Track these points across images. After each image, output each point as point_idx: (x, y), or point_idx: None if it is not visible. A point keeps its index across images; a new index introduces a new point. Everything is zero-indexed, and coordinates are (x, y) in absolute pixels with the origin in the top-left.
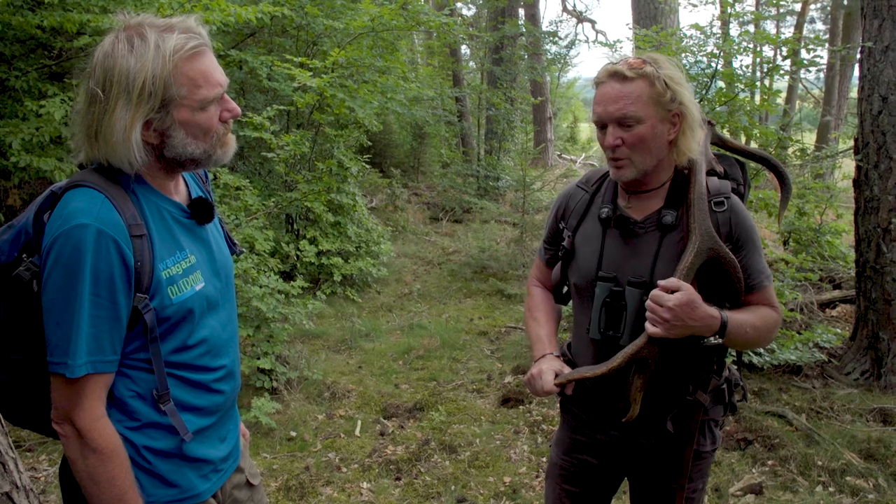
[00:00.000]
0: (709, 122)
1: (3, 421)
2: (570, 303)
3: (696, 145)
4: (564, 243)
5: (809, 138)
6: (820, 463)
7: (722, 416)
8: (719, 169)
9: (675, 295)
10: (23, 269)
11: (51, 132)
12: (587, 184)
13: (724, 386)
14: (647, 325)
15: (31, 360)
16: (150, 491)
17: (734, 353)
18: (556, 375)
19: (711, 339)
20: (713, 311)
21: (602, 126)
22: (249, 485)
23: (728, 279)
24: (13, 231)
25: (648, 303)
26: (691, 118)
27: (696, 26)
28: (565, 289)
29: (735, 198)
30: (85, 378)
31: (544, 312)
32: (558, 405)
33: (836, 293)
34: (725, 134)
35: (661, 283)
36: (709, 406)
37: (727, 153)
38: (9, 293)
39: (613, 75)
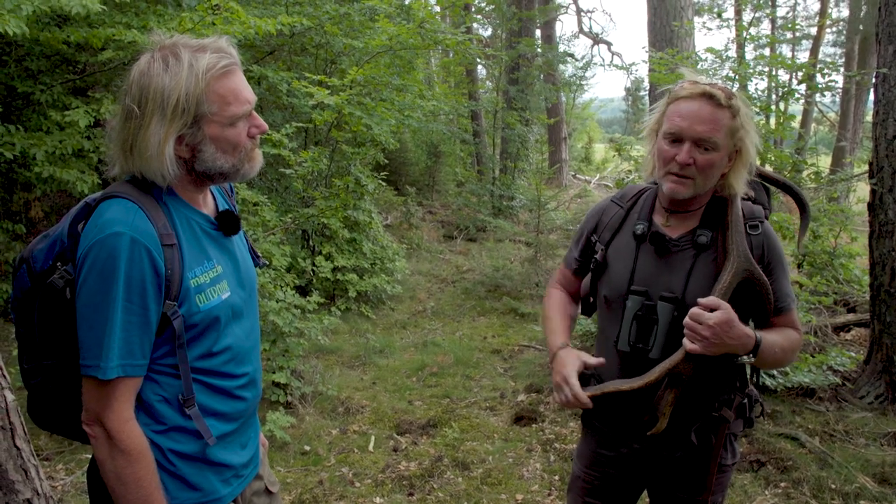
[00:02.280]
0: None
1: (25, 429)
2: (595, 316)
3: (744, 182)
4: (597, 256)
5: (825, 162)
6: (833, 486)
7: (741, 431)
8: (751, 194)
9: (715, 313)
10: (57, 277)
11: (73, 144)
12: (622, 199)
13: (746, 402)
14: (686, 341)
15: (63, 364)
16: (175, 493)
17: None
18: (587, 379)
19: (744, 357)
20: (748, 330)
21: (675, 140)
22: (268, 492)
23: (759, 300)
24: (49, 240)
25: (687, 320)
26: (747, 157)
27: (711, 50)
28: (591, 299)
29: (767, 223)
30: (116, 381)
31: (559, 311)
32: (579, 419)
33: (851, 316)
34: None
35: (701, 301)
36: (731, 420)
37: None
38: (43, 300)
39: (707, 97)
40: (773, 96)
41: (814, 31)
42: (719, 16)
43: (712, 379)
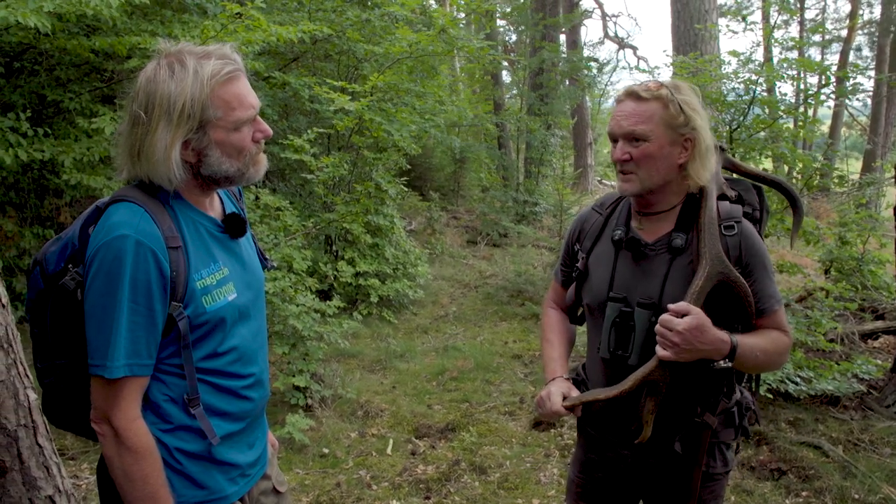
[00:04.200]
0: (720, 147)
1: (47, 427)
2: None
3: (707, 173)
4: (578, 264)
5: (855, 167)
6: (856, 496)
7: (734, 440)
8: (730, 193)
9: (684, 319)
10: (68, 279)
11: (101, 152)
12: (602, 207)
13: (735, 409)
14: (658, 348)
15: (75, 364)
16: (181, 491)
17: (753, 379)
18: (565, 397)
19: (721, 362)
20: (723, 334)
21: (614, 141)
22: (276, 492)
23: (739, 303)
24: (61, 243)
25: (658, 327)
26: (703, 145)
27: (733, 53)
28: (580, 311)
29: (746, 222)
30: (122, 380)
31: (558, 334)
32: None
33: (879, 324)
34: (740, 159)
35: (671, 307)
36: (718, 428)
37: (742, 178)
38: (55, 301)
39: (630, 94)
40: (801, 99)
41: (843, 33)
42: (744, 19)
43: (693, 385)
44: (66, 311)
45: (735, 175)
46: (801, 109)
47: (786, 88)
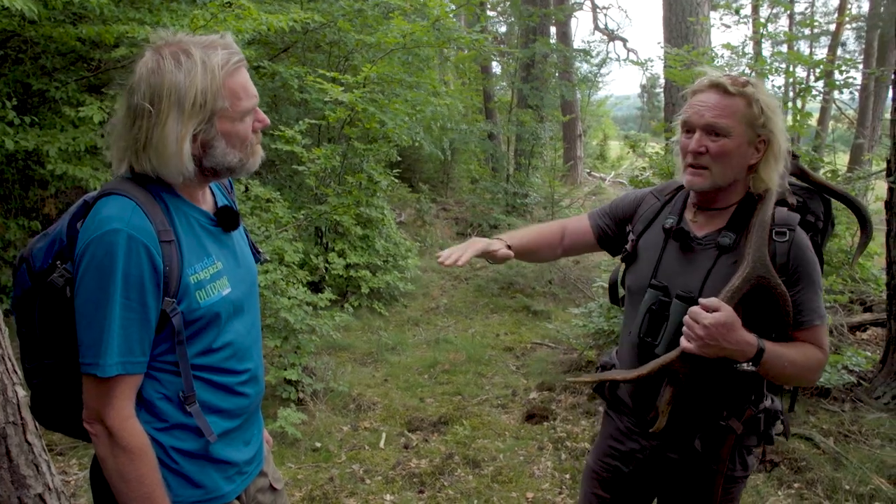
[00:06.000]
0: (791, 154)
1: (36, 424)
2: (608, 313)
3: (777, 176)
4: (627, 246)
5: (842, 160)
6: (847, 487)
7: (756, 446)
8: (791, 200)
9: (713, 314)
10: (56, 276)
11: (87, 142)
12: (661, 193)
13: (762, 416)
14: (682, 339)
15: (63, 364)
16: (177, 491)
17: (789, 392)
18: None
19: (745, 365)
20: (750, 337)
21: (689, 130)
22: (272, 489)
23: (777, 310)
24: (48, 239)
25: (686, 318)
26: (777, 148)
27: (727, 46)
28: (622, 293)
29: (800, 231)
30: (115, 378)
31: (539, 230)
32: (591, 418)
33: (867, 316)
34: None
35: (702, 301)
36: (741, 433)
37: (811, 186)
38: (43, 299)
39: (715, 87)
40: (791, 93)
41: (832, 27)
42: (737, 12)
43: (719, 385)
44: (54, 309)
45: (804, 183)
46: (793, 104)
47: (778, 82)
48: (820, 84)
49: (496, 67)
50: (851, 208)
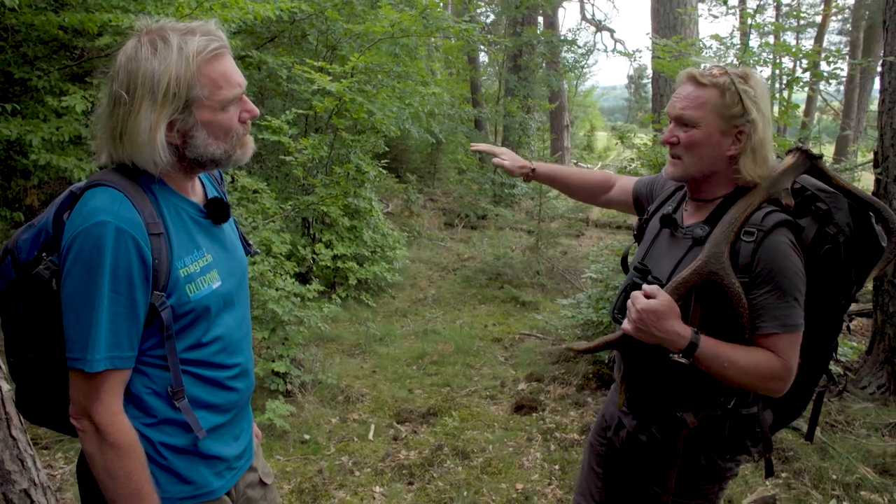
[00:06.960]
0: (804, 151)
1: (21, 419)
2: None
3: (759, 169)
4: (635, 224)
5: (828, 151)
6: (834, 477)
7: (729, 457)
8: (787, 201)
9: (647, 301)
10: (42, 268)
11: (70, 131)
12: None
13: (728, 422)
14: (625, 321)
15: (50, 357)
16: (166, 487)
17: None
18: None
19: (677, 356)
20: (683, 329)
21: (671, 121)
22: (262, 484)
23: (733, 311)
24: (33, 230)
25: (629, 301)
26: (758, 139)
27: (716, 37)
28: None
29: (778, 235)
30: (103, 373)
31: (584, 170)
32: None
33: (853, 306)
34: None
35: (644, 286)
36: (702, 432)
37: (835, 191)
38: (29, 292)
39: (691, 78)
40: (777, 84)
41: (819, 18)
42: (724, 2)
43: (668, 374)
44: (40, 302)
45: (827, 186)
46: (784, 94)
47: (766, 73)
48: (807, 75)
49: (483, 58)
50: (877, 216)
